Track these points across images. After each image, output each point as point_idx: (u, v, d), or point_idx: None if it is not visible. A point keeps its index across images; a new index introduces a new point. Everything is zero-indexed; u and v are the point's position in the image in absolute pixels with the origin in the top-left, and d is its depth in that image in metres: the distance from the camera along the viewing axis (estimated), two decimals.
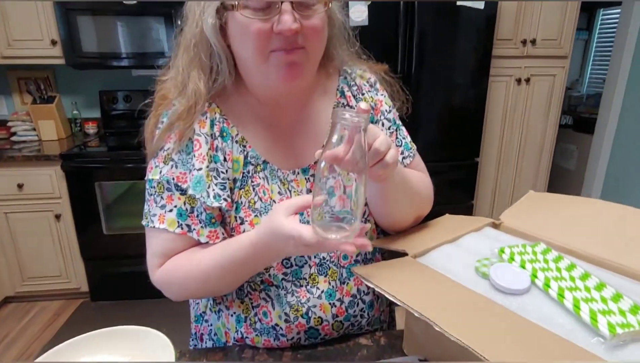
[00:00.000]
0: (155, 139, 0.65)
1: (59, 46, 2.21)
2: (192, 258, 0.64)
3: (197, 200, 0.63)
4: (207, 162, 0.63)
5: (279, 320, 0.66)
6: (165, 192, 0.64)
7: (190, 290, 0.66)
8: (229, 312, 0.70)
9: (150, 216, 0.65)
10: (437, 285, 0.53)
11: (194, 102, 0.63)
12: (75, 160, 2.14)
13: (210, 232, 0.64)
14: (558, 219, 0.68)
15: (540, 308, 0.48)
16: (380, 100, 0.75)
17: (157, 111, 0.67)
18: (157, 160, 0.65)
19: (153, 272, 0.66)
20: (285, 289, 0.66)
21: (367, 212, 0.71)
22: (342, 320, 0.68)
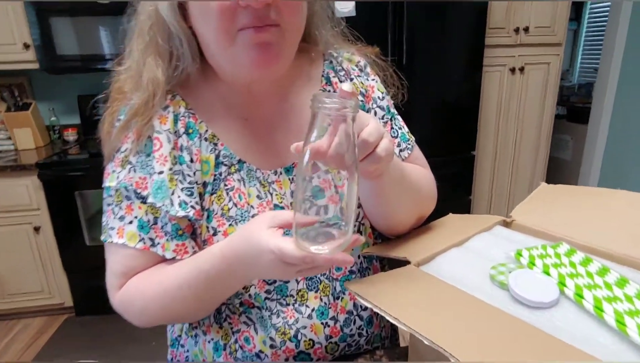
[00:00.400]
0: (112, 140, 0.56)
1: (33, 50, 2.10)
2: (154, 277, 0.54)
3: (160, 210, 0.54)
4: (169, 163, 0.54)
5: (263, 346, 0.57)
6: (124, 201, 0.55)
7: (152, 315, 0.56)
8: (206, 337, 0.60)
9: (109, 229, 0.56)
10: (446, 299, 0.44)
11: (152, 93, 0.53)
12: (53, 168, 2.03)
13: (177, 246, 0.55)
14: (579, 214, 0.60)
15: (575, 324, 0.40)
16: (372, 86, 0.66)
17: (112, 107, 0.58)
18: (114, 164, 0.56)
19: (113, 295, 0.57)
20: (269, 310, 0.57)
21: (361, 214, 0.62)
22: (337, 341, 0.59)
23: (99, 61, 2.20)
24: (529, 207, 0.66)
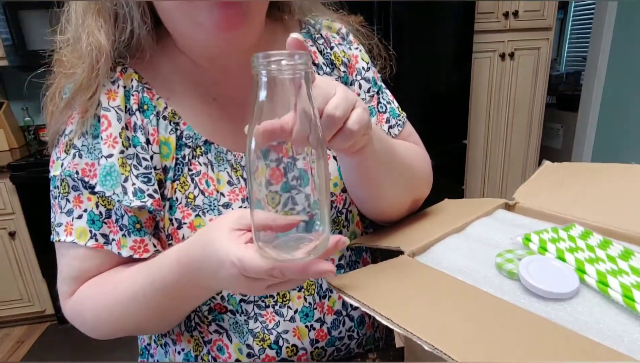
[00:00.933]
0: (54, 122, 0.48)
1: (1, 46, 1.99)
2: (108, 283, 0.47)
3: (112, 200, 0.46)
4: (120, 146, 0.46)
5: (239, 354, 0.50)
6: (71, 192, 0.48)
7: (106, 327, 0.48)
8: (176, 347, 0.53)
9: (56, 227, 0.48)
10: (445, 292, 0.38)
11: (94, 60, 0.45)
12: (28, 170, 1.93)
13: (134, 243, 0.47)
14: (590, 193, 0.54)
15: (601, 318, 0.34)
16: (355, 56, 0.59)
17: (55, 85, 0.50)
18: (59, 149, 0.49)
19: (64, 303, 0.50)
20: (245, 314, 0.50)
21: (347, 200, 0.55)
22: (325, 345, 0.52)
23: None
24: (533, 187, 0.59)
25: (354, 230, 0.56)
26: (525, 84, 2.34)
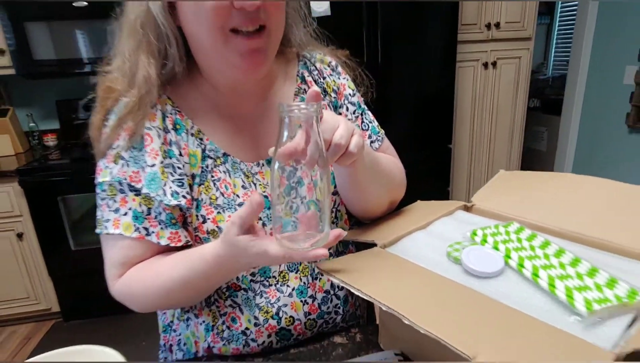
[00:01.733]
0: (104, 138, 0.59)
1: (8, 55, 2.09)
2: (151, 270, 0.58)
3: (154, 200, 0.58)
4: (160, 157, 0.58)
5: (248, 324, 0.62)
6: (118, 194, 0.59)
7: (153, 304, 0.60)
8: (198, 320, 0.65)
9: (104, 222, 0.59)
10: (407, 274, 0.50)
11: (146, 91, 0.57)
12: (34, 174, 2.02)
13: (171, 234, 0.59)
14: (530, 197, 0.66)
15: (515, 290, 0.46)
16: (343, 84, 0.72)
17: (103, 106, 0.61)
18: (106, 160, 0.60)
19: (112, 284, 0.61)
20: (253, 291, 0.62)
21: (337, 201, 0.68)
22: (315, 318, 0.64)
23: (76, 65, 2.19)
24: (487, 192, 0.71)
25: (342, 226, 0.69)
26: (507, 91, 2.48)
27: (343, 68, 0.74)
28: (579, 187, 0.67)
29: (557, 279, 0.44)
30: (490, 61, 2.38)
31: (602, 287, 0.43)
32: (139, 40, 0.57)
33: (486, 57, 2.38)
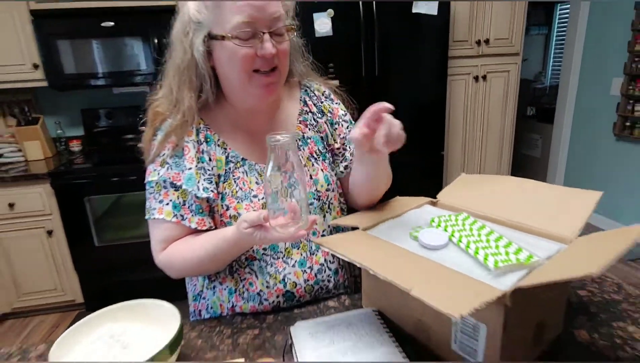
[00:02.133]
0: (154, 149, 0.79)
1: (41, 69, 2.31)
2: (187, 246, 0.78)
3: (188, 194, 0.78)
4: (195, 162, 0.78)
5: (262, 287, 0.82)
6: (162, 190, 0.79)
7: (187, 271, 0.81)
8: (222, 286, 0.85)
9: (151, 210, 0.79)
10: (377, 246, 0.69)
11: (190, 118, 0.78)
12: (64, 177, 2.24)
13: (199, 220, 0.79)
14: (480, 194, 0.85)
15: (453, 257, 0.64)
16: (336, 108, 0.93)
17: (152, 125, 0.81)
18: (155, 165, 0.80)
19: (156, 256, 0.80)
20: (265, 262, 0.82)
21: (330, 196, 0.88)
22: (313, 284, 0.84)
23: (99, 78, 2.41)
24: (449, 191, 0.90)
25: (334, 215, 0.88)
26: (497, 102, 2.66)
27: (334, 95, 0.94)
28: (514, 186, 0.86)
29: (481, 249, 0.63)
30: (481, 75, 2.57)
31: (510, 253, 0.62)
32: (183, 79, 0.77)
33: (477, 71, 2.57)
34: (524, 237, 0.69)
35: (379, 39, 2.20)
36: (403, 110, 2.38)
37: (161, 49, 2.34)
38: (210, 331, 0.78)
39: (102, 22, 2.28)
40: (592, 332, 0.72)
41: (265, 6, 0.71)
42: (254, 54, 0.72)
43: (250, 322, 0.80)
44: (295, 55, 0.87)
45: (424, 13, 2.18)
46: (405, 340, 0.68)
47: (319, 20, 2.04)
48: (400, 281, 0.54)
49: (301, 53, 0.89)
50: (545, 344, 0.67)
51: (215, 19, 0.72)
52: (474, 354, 0.60)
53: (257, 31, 0.71)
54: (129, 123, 2.70)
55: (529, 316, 0.61)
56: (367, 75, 2.25)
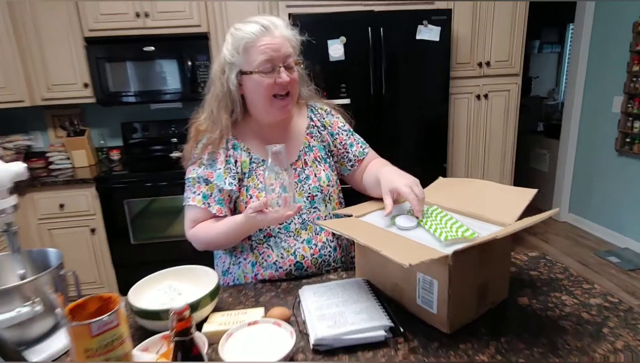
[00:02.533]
0: (196, 154, 1.06)
1: (91, 88, 2.65)
2: (210, 226, 1.04)
3: (215, 188, 1.04)
4: (224, 164, 1.05)
5: (277, 258, 1.07)
6: (197, 184, 1.05)
7: (208, 244, 1.07)
8: (246, 261, 1.10)
9: (187, 198, 1.06)
10: (365, 227, 0.92)
11: (225, 133, 1.05)
12: (106, 182, 2.55)
13: (218, 208, 1.05)
14: (449, 192, 1.07)
15: (419, 235, 0.87)
16: (336, 121, 1.19)
17: (195, 139, 1.08)
18: (194, 166, 1.07)
19: (187, 231, 1.07)
20: (280, 239, 1.07)
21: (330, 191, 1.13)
22: (317, 257, 1.08)
23: (137, 95, 2.72)
24: (428, 190, 1.13)
25: (334, 206, 1.12)
26: (498, 118, 2.86)
27: (335, 111, 1.21)
28: (475, 187, 1.09)
29: (439, 229, 0.86)
30: (483, 94, 2.79)
31: (459, 231, 0.84)
32: (221, 105, 1.05)
33: (479, 90, 2.78)
34: (475, 222, 0.92)
35: (386, 62, 2.45)
36: (408, 126, 2.64)
37: (194, 70, 2.66)
38: (237, 293, 1.03)
39: (144, 47, 2.61)
40: (532, 299, 0.93)
41: (280, 47, 0.99)
42: (274, 82, 0.99)
43: (268, 287, 1.04)
44: (302, 82, 1.14)
45: (427, 39, 2.43)
46: (385, 300, 0.91)
47: (333, 47, 2.31)
48: (375, 245, 0.78)
49: (306, 81, 1.17)
50: (490, 304, 0.89)
51: (244, 60, 1.00)
52: (431, 304, 0.83)
53: (275, 66, 0.99)
54: (160, 135, 3.01)
55: (471, 276, 0.82)
56: (375, 94, 2.50)
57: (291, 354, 0.74)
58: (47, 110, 2.93)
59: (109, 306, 0.63)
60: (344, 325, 0.80)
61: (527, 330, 0.82)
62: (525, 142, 4.51)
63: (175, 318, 0.61)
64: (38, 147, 2.98)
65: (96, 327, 0.56)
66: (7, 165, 0.82)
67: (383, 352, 0.78)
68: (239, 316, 0.87)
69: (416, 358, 0.76)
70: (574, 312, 0.88)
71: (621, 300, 0.92)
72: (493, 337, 0.80)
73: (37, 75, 2.57)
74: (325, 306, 0.88)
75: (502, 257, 0.89)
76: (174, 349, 0.62)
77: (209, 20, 2.61)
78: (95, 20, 2.52)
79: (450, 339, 0.80)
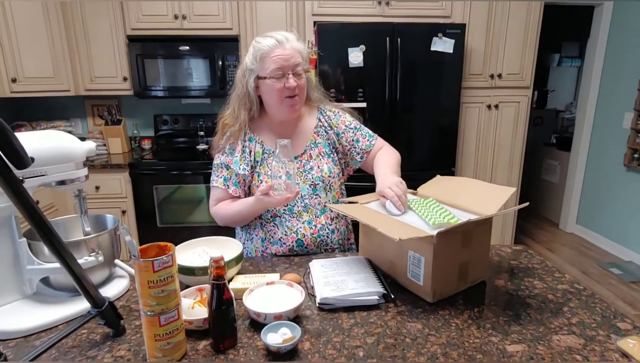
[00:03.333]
0: (221, 145, 1.27)
1: (129, 81, 2.89)
2: (229, 205, 1.24)
3: (233, 173, 1.24)
4: (240, 153, 1.25)
5: (282, 235, 1.26)
6: (220, 169, 1.26)
7: (227, 220, 1.27)
8: (257, 237, 1.29)
9: (212, 180, 1.27)
10: (366, 212, 1.10)
11: (243, 127, 1.26)
12: (139, 168, 2.78)
13: (234, 189, 1.25)
14: (444, 188, 1.24)
15: (412, 220, 1.04)
16: (343, 120, 1.38)
17: (221, 131, 1.29)
18: (219, 154, 1.28)
19: (211, 208, 1.27)
20: (284, 219, 1.26)
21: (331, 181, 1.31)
22: (316, 237, 1.27)
23: (170, 90, 2.95)
24: (426, 186, 1.30)
25: (334, 195, 1.31)
26: (507, 129, 2.99)
27: (342, 112, 1.40)
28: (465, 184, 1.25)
29: (429, 215, 1.03)
30: (493, 104, 2.92)
31: (446, 218, 1.01)
32: (241, 103, 1.25)
33: (490, 101, 2.92)
34: (462, 213, 1.08)
35: (401, 70, 2.62)
36: (420, 131, 2.80)
37: (223, 69, 2.87)
38: (257, 262, 1.22)
39: (179, 46, 2.84)
40: (507, 282, 1.09)
41: (289, 58, 1.19)
42: (283, 86, 1.19)
43: (283, 260, 1.23)
44: (311, 86, 1.33)
45: (441, 50, 2.58)
46: (382, 274, 1.08)
47: (353, 54, 2.48)
48: (372, 224, 0.95)
49: (316, 85, 1.37)
50: (470, 282, 1.05)
51: (260, 67, 1.21)
52: (419, 277, 0.99)
53: (285, 73, 1.19)
54: (188, 128, 3.24)
55: (453, 255, 0.99)
56: (390, 99, 2.67)
57: (300, 307, 0.92)
58: (88, 100, 3.19)
59: (164, 251, 0.82)
60: (345, 289, 0.98)
61: (497, 304, 0.98)
62: (538, 153, 4.59)
63: (213, 265, 0.79)
64: (78, 133, 3.25)
65: (158, 264, 0.75)
66: (82, 143, 1.03)
67: (375, 313, 0.95)
68: (259, 278, 1.06)
69: (402, 319, 0.93)
70: (541, 293, 1.03)
71: (587, 287, 1.08)
72: (468, 307, 0.97)
73: (83, 67, 2.83)
74: (330, 275, 1.06)
75: (481, 241, 1.05)
76: (211, 290, 0.81)
77: (240, 24, 2.82)
78: (138, 20, 2.76)
79: (432, 307, 0.97)
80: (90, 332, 0.89)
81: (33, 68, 2.67)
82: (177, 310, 0.79)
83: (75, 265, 0.77)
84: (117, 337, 0.87)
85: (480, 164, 3.04)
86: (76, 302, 0.97)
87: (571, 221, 4.02)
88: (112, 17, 2.76)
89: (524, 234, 3.98)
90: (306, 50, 1.26)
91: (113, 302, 0.86)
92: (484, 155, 3.02)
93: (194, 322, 0.86)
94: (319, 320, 0.92)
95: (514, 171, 3.09)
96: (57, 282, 1.00)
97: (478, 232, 1.02)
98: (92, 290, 0.81)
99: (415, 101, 2.71)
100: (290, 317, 0.90)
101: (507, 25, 2.80)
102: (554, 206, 4.25)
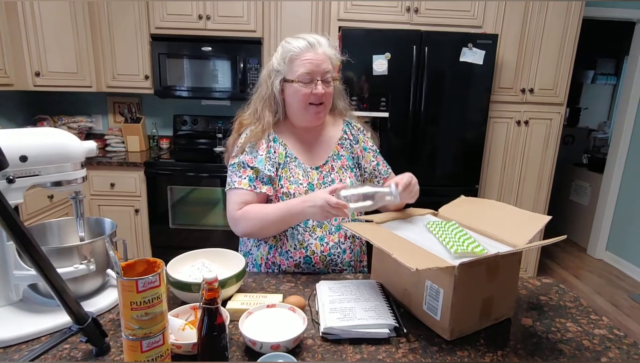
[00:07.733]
0: (240, 144, 1.19)
1: (150, 80, 2.88)
2: (261, 208, 1.14)
3: (261, 171, 1.15)
4: (265, 153, 1.17)
5: (290, 247, 1.17)
6: (242, 168, 1.17)
7: (254, 226, 1.14)
8: (266, 245, 1.21)
9: (232, 183, 1.17)
10: (382, 233, 1.00)
11: (267, 128, 1.18)
12: (155, 167, 2.75)
13: (267, 188, 1.16)
14: (468, 210, 1.13)
15: (432, 245, 0.94)
16: (366, 140, 1.30)
17: (237, 131, 1.22)
18: (237, 153, 1.19)
19: (233, 215, 1.15)
20: (297, 231, 1.17)
21: None
22: (326, 255, 1.17)
23: (191, 90, 2.92)
24: (449, 207, 1.19)
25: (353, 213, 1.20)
26: (537, 145, 2.83)
27: (366, 131, 1.32)
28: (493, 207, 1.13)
29: (451, 241, 0.92)
30: (523, 120, 2.77)
31: (469, 246, 0.90)
32: (266, 104, 1.18)
33: (520, 116, 2.77)
34: (488, 240, 0.97)
35: (427, 81, 2.51)
36: (443, 145, 2.68)
37: (245, 72, 2.83)
38: (260, 279, 1.13)
39: (202, 46, 2.81)
40: (536, 321, 0.97)
41: (320, 63, 1.11)
42: (310, 93, 1.11)
43: (288, 278, 1.14)
44: (338, 95, 1.25)
45: (471, 62, 2.46)
46: (394, 302, 0.98)
47: (377, 62, 2.39)
48: (388, 249, 0.86)
49: (343, 95, 1.29)
50: (494, 319, 0.94)
51: (288, 69, 1.13)
52: (436, 311, 0.89)
53: (313, 78, 1.11)
54: (207, 130, 3.21)
55: (476, 289, 0.88)
56: (413, 110, 2.55)
57: (301, 337, 0.83)
58: (110, 97, 3.21)
59: (153, 268, 0.74)
60: (352, 319, 0.88)
61: (525, 348, 0.87)
62: (567, 173, 4.37)
63: (205, 287, 0.71)
64: (98, 129, 3.26)
65: (142, 284, 0.67)
66: (82, 142, 0.97)
67: (385, 348, 0.85)
68: (260, 298, 0.97)
69: (414, 358, 0.82)
70: (575, 338, 0.91)
71: (628, 334, 0.95)
72: (490, 349, 0.85)
73: (106, 64, 2.83)
74: (337, 300, 0.96)
75: (509, 276, 0.94)
76: (201, 314, 0.73)
77: (264, 26, 2.77)
78: (162, 19, 2.75)
79: (449, 345, 0.86)
80: (72, 348, 0.82)
81: (57, 63, 2.69)
82: (162, 335, 0.71)
83: (55, 277, 0.71)
84: (101, 356, 0.80)
85: (506, 183, 2.88)
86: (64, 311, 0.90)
87: (600, 247, 3.79)
88: (137, 16, 2.75)
89: (550, 258, 3.78)
90: (337, 58, 1.19)
91: (97, 317, 0.79)
92: (511, 173, 2.87)
93: (183, 347, 0.78)
94: (321, 352, 0.83)
95: (542, 192, 2.92)
96: (45, 289, 0.94)
97: (506, 263, 0.91)
98: (73, 305, 0.74)
99: (440, 113, 2.59)
100: (289, 348, 0.81)
101: (541, 37, 2.66)
102: (583, 230, 4.03)
